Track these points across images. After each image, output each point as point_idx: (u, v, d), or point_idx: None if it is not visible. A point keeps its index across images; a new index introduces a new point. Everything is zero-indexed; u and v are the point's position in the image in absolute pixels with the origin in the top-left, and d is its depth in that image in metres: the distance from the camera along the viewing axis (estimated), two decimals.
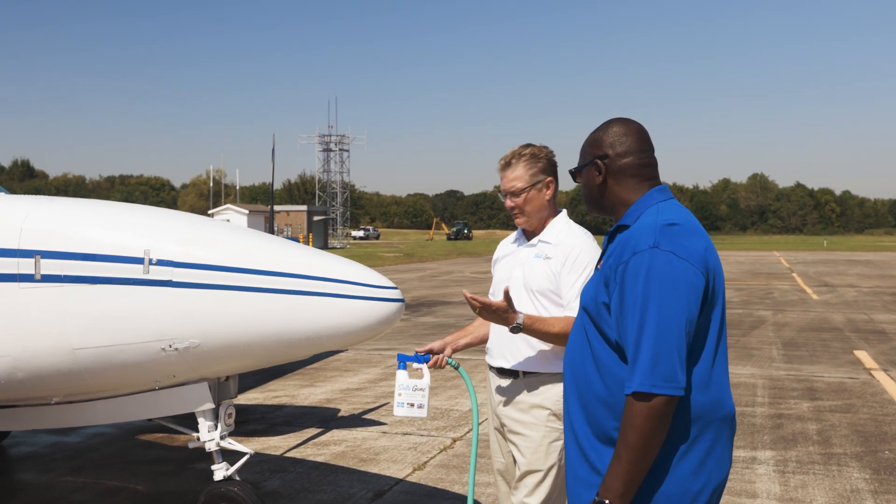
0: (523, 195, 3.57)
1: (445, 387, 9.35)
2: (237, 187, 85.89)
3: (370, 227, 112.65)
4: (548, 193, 3.60)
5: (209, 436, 4.57)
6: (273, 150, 9.15)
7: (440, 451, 6.73)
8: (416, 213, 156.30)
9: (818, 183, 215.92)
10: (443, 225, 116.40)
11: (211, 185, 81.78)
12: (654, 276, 2.19)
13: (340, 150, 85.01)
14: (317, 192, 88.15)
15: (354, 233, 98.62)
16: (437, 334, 13.40)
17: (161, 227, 4.42)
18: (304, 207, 71.01)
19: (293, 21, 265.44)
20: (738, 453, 6.69)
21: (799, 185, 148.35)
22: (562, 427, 3.34)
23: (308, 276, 4.23)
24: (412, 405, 3.61)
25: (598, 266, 2.44)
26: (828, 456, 6.66)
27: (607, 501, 2.17)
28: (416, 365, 3.68)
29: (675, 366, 2.14)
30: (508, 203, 3.63)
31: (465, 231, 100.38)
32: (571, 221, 3.67)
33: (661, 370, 2.13)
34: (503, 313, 3.31)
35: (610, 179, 2.49)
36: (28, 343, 4.32)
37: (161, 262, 4.22)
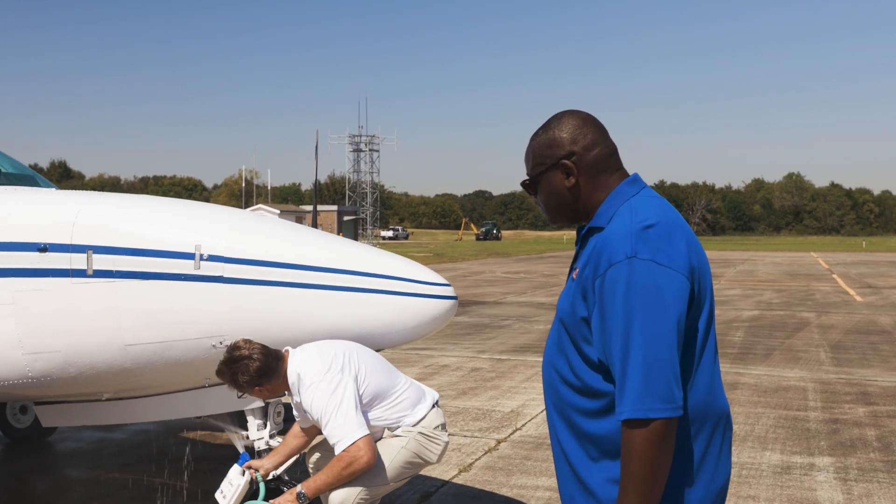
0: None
1: (485, 387, 9.23)
2: (268, 187, 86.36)
3: (399, 228, 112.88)
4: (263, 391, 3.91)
5: (258, 434, 4.49)
6: (316, 146, 9.11)
7: (485, 453, 6.61)
8: (444, 213, 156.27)
9: (855, 183, 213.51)
10: (472, 225, 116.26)
11: (243, 185, 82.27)
12: (635, 289, 1.96)
13: (370, 150, 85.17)
14: (347, 192, 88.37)
15: (384, 233, 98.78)
16: (473, 334, 13.38)
17: (211, 223, 4.35)
18: (335, 207, 71.38)
19: (324, 21, 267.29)
20: (794, 459, 6.50)
21: (835, 185, 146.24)
22: None
23: (360, 273, 4.14)
24: (221, 492, 4.06)
25: (574, 275, 2.18)
26: (891, 463, 6.43)
27: None
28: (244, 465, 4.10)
29: (670, 385, 1.93)
30: None
31: (495, 231, 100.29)
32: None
33: (655, 391, 1.92)
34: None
35: (582, 179, 2.20)
36: (80, 339, 4.26)
37: (212, 258, 4.14)
